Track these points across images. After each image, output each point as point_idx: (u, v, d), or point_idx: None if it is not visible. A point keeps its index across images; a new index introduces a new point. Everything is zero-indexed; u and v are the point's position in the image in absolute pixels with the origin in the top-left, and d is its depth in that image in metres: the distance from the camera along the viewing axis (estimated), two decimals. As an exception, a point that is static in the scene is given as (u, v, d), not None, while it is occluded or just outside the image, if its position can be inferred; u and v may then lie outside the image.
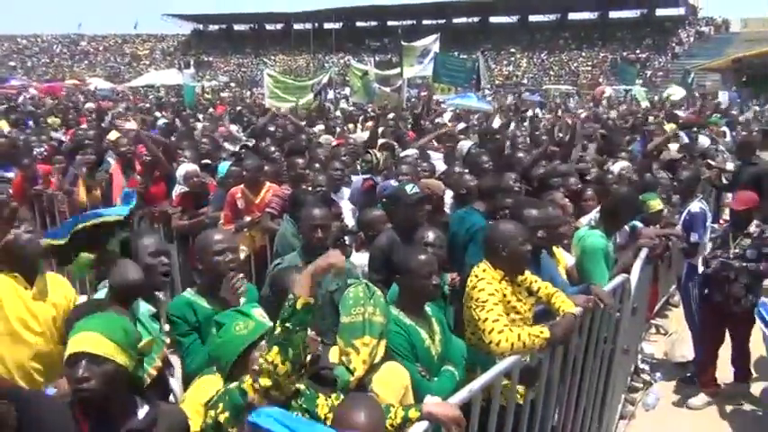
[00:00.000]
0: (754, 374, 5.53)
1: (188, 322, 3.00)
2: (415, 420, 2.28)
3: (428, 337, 2.99)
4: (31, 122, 13.10)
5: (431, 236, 3.66)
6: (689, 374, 5.54)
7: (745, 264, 4.90)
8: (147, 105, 18.87)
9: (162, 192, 6.35)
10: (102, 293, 3.00)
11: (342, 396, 2.35)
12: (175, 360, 3.27)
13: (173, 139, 8.69)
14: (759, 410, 5.13)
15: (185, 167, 6.13)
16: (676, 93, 21.59)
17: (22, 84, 31.60)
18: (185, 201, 6.03)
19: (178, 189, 6.11)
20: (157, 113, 14.48)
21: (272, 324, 2.25)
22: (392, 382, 2.68)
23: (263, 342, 2.23)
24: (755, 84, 23.02)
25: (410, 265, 2.98)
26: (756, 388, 5.41)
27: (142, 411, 2.09)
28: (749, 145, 8.18)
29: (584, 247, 4.23)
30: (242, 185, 5.75)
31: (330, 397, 2.32)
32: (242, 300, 3.01)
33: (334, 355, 2.75)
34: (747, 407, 5.16)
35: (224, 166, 6.38)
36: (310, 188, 5.39)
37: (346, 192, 5.76)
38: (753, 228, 4.97)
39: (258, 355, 2.14)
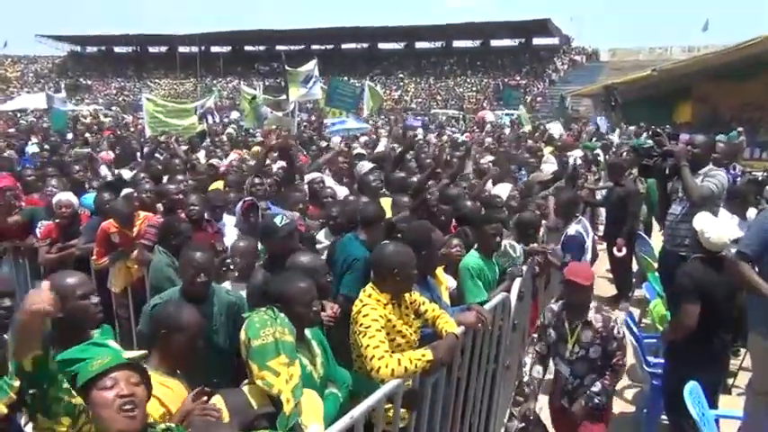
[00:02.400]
0: (627, 382, 5.87)
1: None
2: None
3: (309, 361, 2.93)
4: None
5: (313, 263, 3.58)
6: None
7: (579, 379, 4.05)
8: (15, 131, 17.58)
9: (24, 225, 5.89)
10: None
11: None
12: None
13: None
14: (631, 410, 5.45)
15: (57, 196, 5.76)
16: (554, 129, 22.89)
17: None
18: (53, 233, 5.64)
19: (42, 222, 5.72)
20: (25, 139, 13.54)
21: (122, 360, 2.11)
22: (314, 409, 2.65)
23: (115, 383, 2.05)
24: (624, 109, 24.81)
25: (290, 293, 2.90)
26: (629, 393, 5.76)
27: None
28: (618, 167, 8.73)
29: (459, 268, 4.48)
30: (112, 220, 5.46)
31: None
32: None
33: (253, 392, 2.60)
34: (620, 410, 5.42)
35: (89, 198, 6.05)
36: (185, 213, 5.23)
37: (232, 219, 5.62)
38: (592, 315, 3.99)
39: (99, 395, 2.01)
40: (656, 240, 8.06)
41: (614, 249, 7.64)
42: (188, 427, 2.30)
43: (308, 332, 3.05)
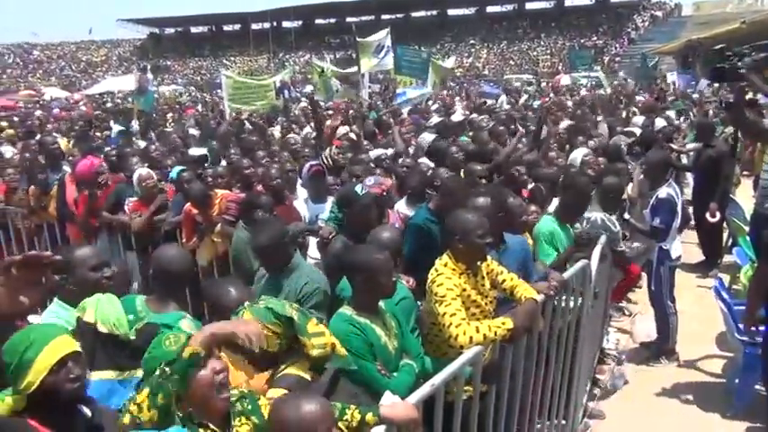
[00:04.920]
0: (717, 350, 5.66)
1: None
2: (372, 424, 2.26)
3: (383, 333, 2.94)
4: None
5: (386, 236, 3.60)
6: (653, 348, 5.67)
7: None
8: (102, 114, 18.37)
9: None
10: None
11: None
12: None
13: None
14: (722, 380, 5.25)
15: (138, 171, 6.00)
16: (628, 88, 21.96)
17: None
18: (141, 207, 5.90)
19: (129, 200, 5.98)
20: (113, 122, 14.13)
21: None
22: None
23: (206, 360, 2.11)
24: (707, 66, 23.38)
25: (373, 265, 2.91)
26: (719, 362, 5.54)
27: (86, 411, 2.15)
28: (707, 127, 8.31)
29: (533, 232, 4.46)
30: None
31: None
32: None
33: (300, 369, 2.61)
34: (710, 379, 5.28)
35: (175, 171, 6.29)
36: (262, 184, 5.36)
37: (301, 191, 5.74)
38: None
39: (200, 375, 2.06)
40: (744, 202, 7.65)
41: (707, 214, 7.28)
42: None
43: (382, 304, 3.06)
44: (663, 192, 5.67)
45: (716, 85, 20.36)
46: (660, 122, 10.33)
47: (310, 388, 2.47)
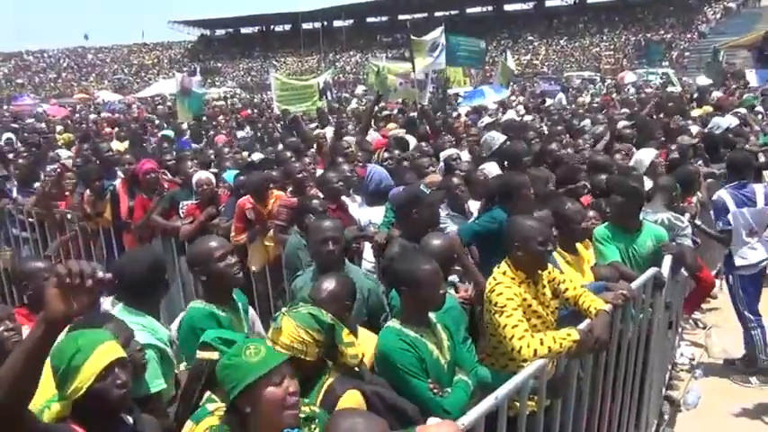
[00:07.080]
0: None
1: None
2: None
3: (435, 347, 2.82)
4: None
5: (437, 244, 3.50)
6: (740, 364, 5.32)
7: None
8: (156, 117, 18.70)
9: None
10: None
11: None
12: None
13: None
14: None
15: (197, 175, 5.99)
16: (701, 81, 21.17)
17: (34, 102, 31.92)
18: (196, 212, 5.88)
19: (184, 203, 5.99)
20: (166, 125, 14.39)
21: (285, 354, 2.18)
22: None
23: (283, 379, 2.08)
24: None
25: (418, 276, 2.80)
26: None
27: (129, 418, 2.20)
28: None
29: None
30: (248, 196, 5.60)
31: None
32: None
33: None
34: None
35: (230, 174, 6.27)
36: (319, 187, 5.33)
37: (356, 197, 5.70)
38: None
39: (272, 393, 2.03)
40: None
41: None
42: None
43: (432, 316, 2.95)
44: (715, 194, 5.37)
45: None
46: (730, 119, 9.78)
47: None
